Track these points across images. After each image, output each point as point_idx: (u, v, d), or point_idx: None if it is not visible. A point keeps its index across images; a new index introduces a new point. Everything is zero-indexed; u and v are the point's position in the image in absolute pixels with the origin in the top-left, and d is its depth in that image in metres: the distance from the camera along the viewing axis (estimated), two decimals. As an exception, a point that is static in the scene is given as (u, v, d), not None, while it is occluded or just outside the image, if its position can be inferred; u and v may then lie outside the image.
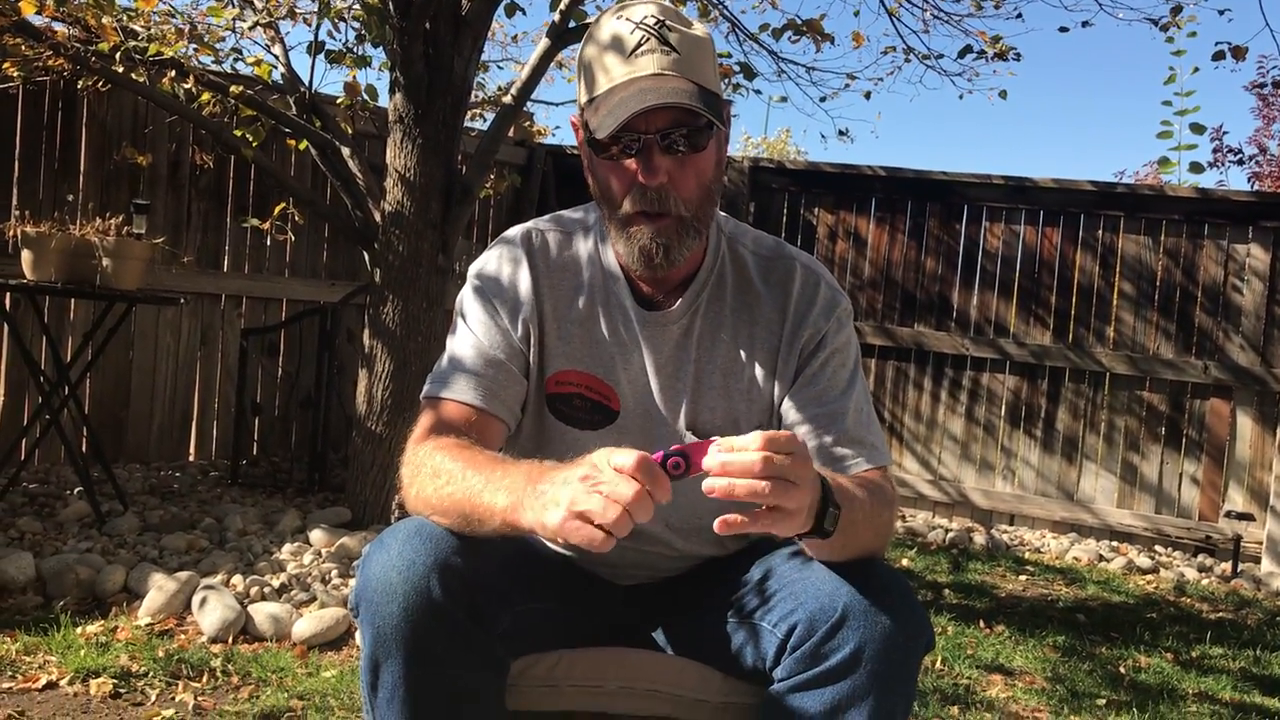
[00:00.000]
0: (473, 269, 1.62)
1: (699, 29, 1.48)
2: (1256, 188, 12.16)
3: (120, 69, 3.82)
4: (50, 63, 3.94)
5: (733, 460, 1.16)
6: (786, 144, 18.75)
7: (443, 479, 1.36)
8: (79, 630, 2.97)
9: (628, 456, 1.15)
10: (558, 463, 1.26)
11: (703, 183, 1.47)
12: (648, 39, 1.43)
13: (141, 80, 4.00)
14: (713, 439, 1.19)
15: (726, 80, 5.03)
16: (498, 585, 1.38)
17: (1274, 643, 3.94)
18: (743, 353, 1.57)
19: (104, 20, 3.61)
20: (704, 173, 1.47)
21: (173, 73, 4.00)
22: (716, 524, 1.17)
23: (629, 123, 1.40)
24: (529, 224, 1.63)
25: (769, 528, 1.20)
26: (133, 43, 3.75)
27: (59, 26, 3.92)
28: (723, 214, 1.63)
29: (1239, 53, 4.33)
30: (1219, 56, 4.41)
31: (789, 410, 1.54)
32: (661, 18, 1.45)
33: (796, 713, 1.37)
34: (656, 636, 1.61)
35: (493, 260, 1.60)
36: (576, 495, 1.17)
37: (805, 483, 1.19)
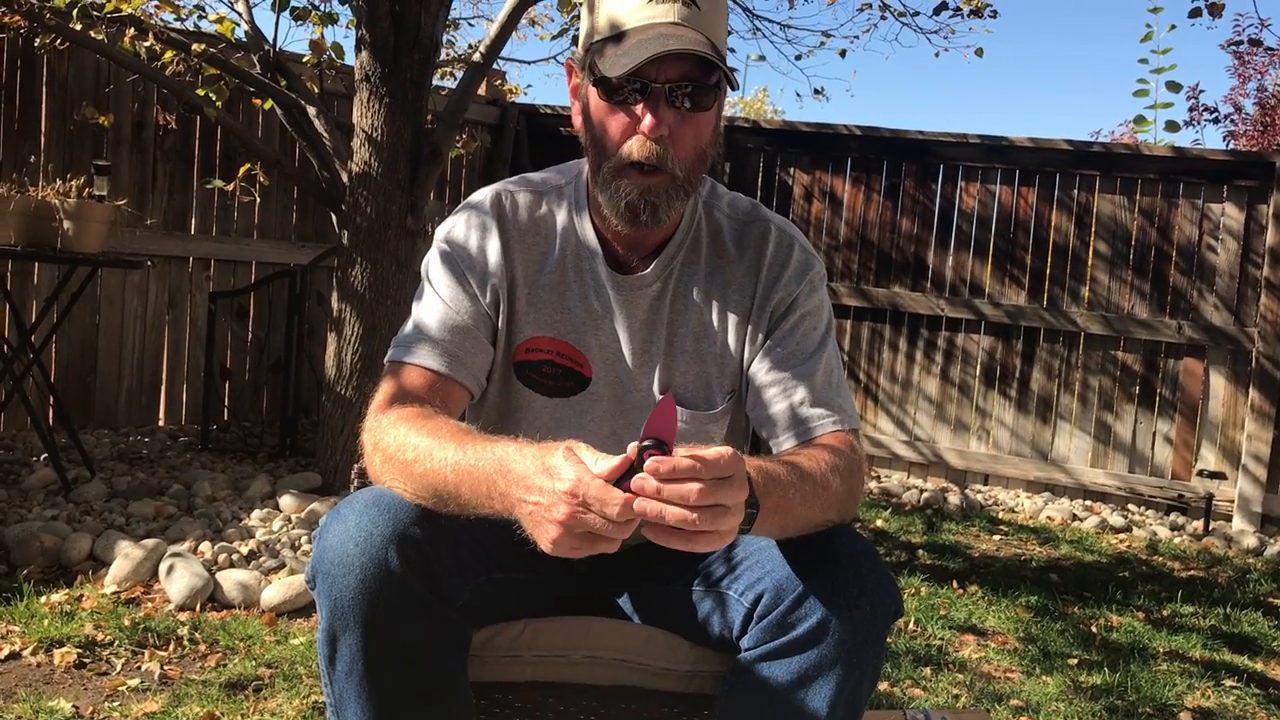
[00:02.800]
0: (439, 232, 1.58)
1: None
2: (1232, 146, 12.17)
3: (78, 26, 3.73)
4: (5, 19, 3.83)
5: (669, 489, 1.10)
6: (764, 103, 18.66)
7: (409, 454, 1.32)
8: (43, 599, 2.94)
9: (611, 495, 1.10)
10: (527, 443, 1.21)
11: (700, 145, 1.43)
12: None
13: (100, 38, 3.90)
14: (669, 401, 1.13)
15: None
16: (458, 556, 1.36)
17: (1243, 601, 3.97)
18: (715, 316, 1.54)
19: (59, -25, 3.51)
20: (703, 135, 1.43)
21: (132, 30, 3.91)
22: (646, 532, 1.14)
23: (640, 69, 1.36)
24: (497, 186, 1.59)
25: (694, 548, 1.15)
26: (90, -1, 3.65)
27: (13, -18, 3.82)
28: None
29: (1215, 9, 4.30)
30: (1195, 14, 4.37)
31: (757, 372, 1.52)
32: None
33: (763, 682, 1.35)
34: (623, 605, 1.59)
35: (461, 225, 1.56)
36: (569, 521, 1.12)
37: (737, 507, 1.14)
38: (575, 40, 5.20)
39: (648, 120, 1.38)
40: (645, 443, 1.11)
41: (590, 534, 1.12)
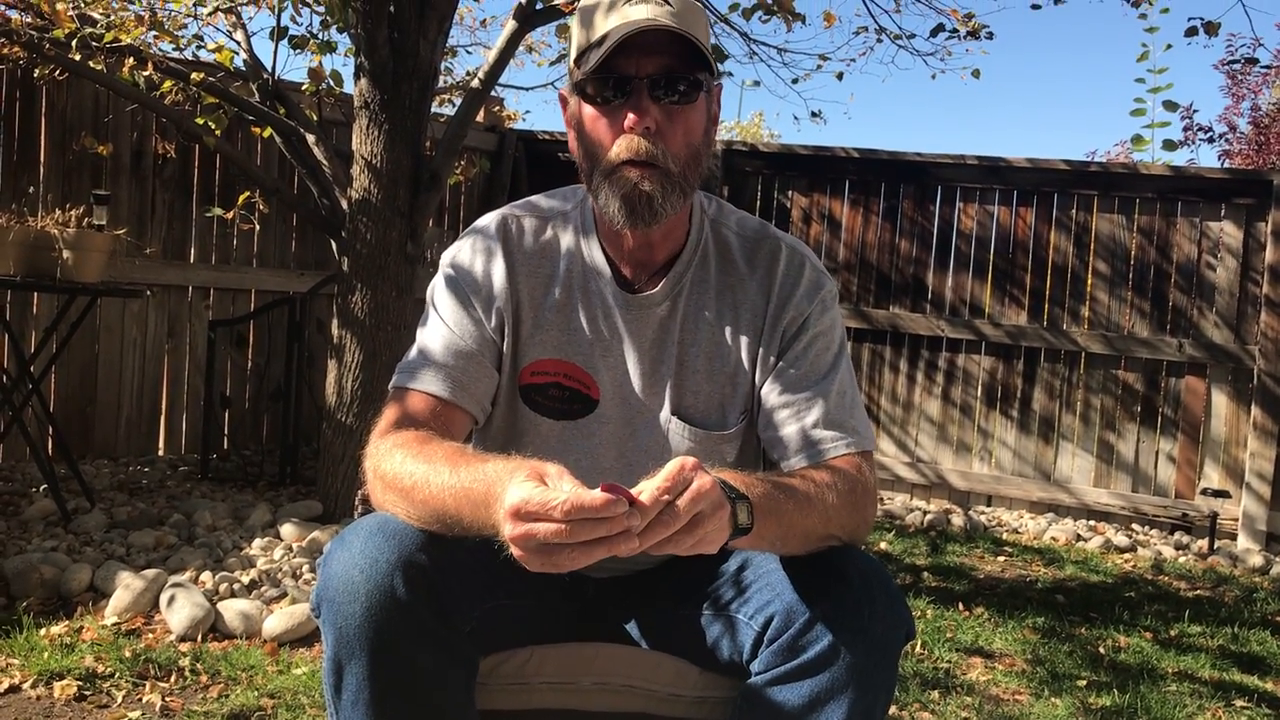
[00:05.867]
0: (445, 257, 1.57)
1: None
2: (1227, 165, 12.20)
3: (77, 57, 3.74)
4: (4, 50, 3.84)
5: (650, 532, 1.10)
6: (760, 127, 18.72)
7: (408, 481, 1.31)
8: (43, 631, 2.91)
9: (550, 496, 1.08)
10: (522, 460, 1.20)
11: (691, 141, 1.43)
12: None
13: (100, 68, 3.91)
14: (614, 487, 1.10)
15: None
16: (465, 581, 1.34)
17: (1251, 620, 3.94)
18: (727, 335, 1.53)
19: (58, 6, 3.52)
20: (692, 131, 1.43)
21: (131, 60, 3.91)
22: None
23: (618, 67, 1.38)
24: (503, 210, 1.58)
25: (695, 551, 1.15)
26: (89, 29, 3.66)
27: (12, 13, 3.83)
28: (705, 196, 1.59)
29: (1211, 28, 4.31)
30: (1191, 32, 4.39)
31: (769, 393, 1.50)
32: None
33: (775, 706, 1.33)
34: (630, 630, 1.57)
35: (466, 249, 1.55)
36: (510, 524, 1.11)
37: (715, 505, 1.14)
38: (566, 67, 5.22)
39: (631, 116, 1.39)
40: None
41: (546, 545, 1.09)
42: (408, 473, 1.31)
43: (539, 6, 4.14)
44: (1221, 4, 4.39)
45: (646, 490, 1.09)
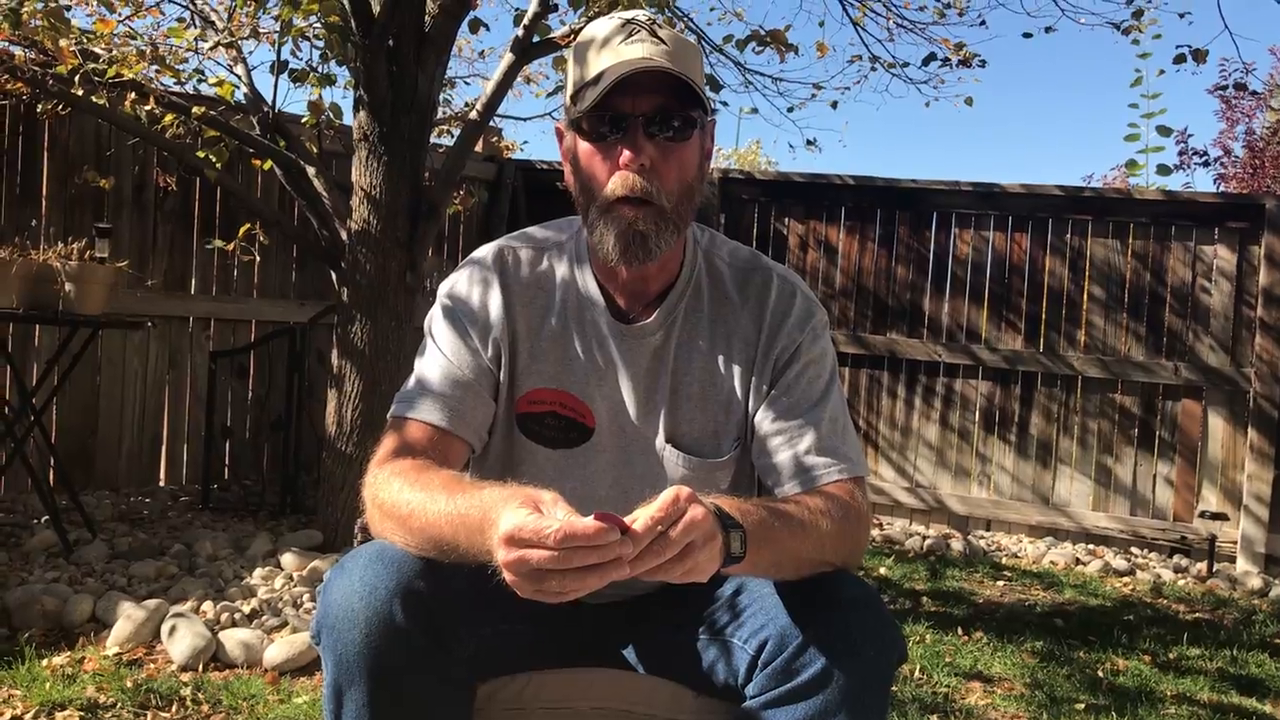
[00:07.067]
0: (442, 288, 1.60)
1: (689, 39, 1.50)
2: (1222, 189, 12.26)
3: (79, 92, 3.78)
4: (8, 86, 3.89)
5: (642, 560, 1.13)
6: (757, 155, 18.80)
7: (404, 509, 1.34)
8: (45, 662, 2.92)
9: (544, 524, 1.10)
10: (518, 487, 1.23)
11: (684, 178, 1.46)
12: (638, 30, 1.45)
13: (102, 103, 3.96)
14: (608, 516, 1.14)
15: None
16: (462, 608, 1.36)
17: (1250, 642, 3.95)
18: (720, 364, 1.56)
19: (61, 43, 3.57)
20: (686, 167, 1.46)
21: (133, 95, 3.96)
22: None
23: (614, 105, 1.41)
24: (499, 242, 1.61)
25: (686, 579, 1.18)
26: (92, 65, 3.71)
27: (16, 50, 3.87)
28: (698, 226, 1.62)
29: (1199, 56, 4.36)
30: (1180, 60, 4.44)
31: (762, 421, 1.53)
32: (653, 18, 1.47)
33: (769, 730, 1.35)
34: (627, 655, 1.59)
35: (463, 280, 1.58)
36: (504, 550, 1.13)
37: (707, 536, 1.17)
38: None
39: (626, 153, 1.42)
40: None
41: (539, 572, 1.11)
42: (405, 501, 1.34)
43: (536, 40, 4.19)
44: (1210, 30, 4.45)
45: (640, 518, 1.12)
